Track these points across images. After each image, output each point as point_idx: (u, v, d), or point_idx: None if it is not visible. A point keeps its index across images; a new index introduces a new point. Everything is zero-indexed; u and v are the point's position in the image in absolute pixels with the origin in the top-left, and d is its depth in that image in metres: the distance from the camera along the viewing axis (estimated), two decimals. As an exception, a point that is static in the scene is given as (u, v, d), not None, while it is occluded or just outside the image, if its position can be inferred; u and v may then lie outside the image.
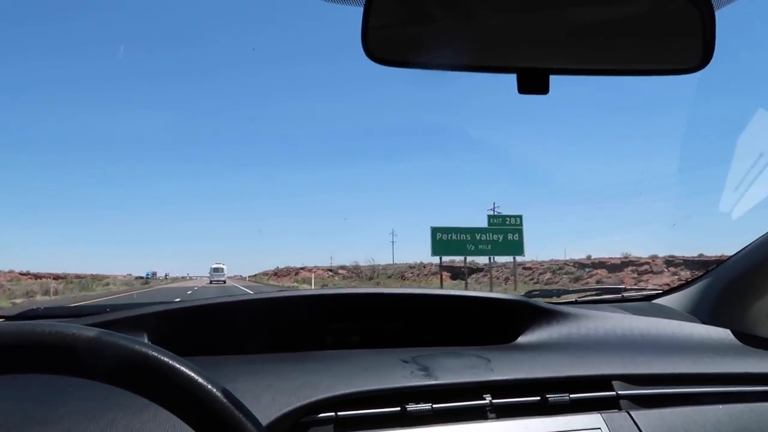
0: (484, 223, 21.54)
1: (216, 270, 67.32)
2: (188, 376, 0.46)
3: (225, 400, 0.47)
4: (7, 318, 1.30)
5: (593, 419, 0.87)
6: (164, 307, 1.07)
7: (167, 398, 0.46)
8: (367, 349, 1.07)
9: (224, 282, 61.06)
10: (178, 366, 0.46)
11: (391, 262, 58.86)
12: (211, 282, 61.78)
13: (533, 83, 0.57)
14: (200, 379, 0.46)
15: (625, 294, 1.64)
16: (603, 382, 0.94)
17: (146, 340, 0.99)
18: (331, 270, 58.52)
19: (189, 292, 27.53)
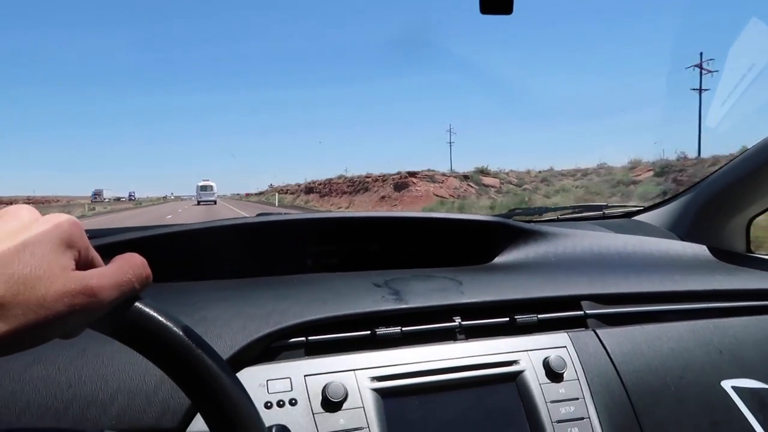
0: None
1: (204, 189, 61.15)
2: (137, 308, 0.45)
3: (175, 329, 0.46)
4: None
5: (560, 338, 0.89)
6: (139, 234, 1.06)
7: (119, 330, 0.46)
8: (342, 272, 1.07)
9: (214, 203, 54.39)
10: (139, 305, 0.45)
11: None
12: (198, 203, 55.06)
13: (495, 2, 0.53)
14: (149, 310, 0.45)
15: (607, 211, 1.65)
16: (572, 302, 0.96)
17: None
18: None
19: (168, 217, 24.87)
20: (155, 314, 0.46)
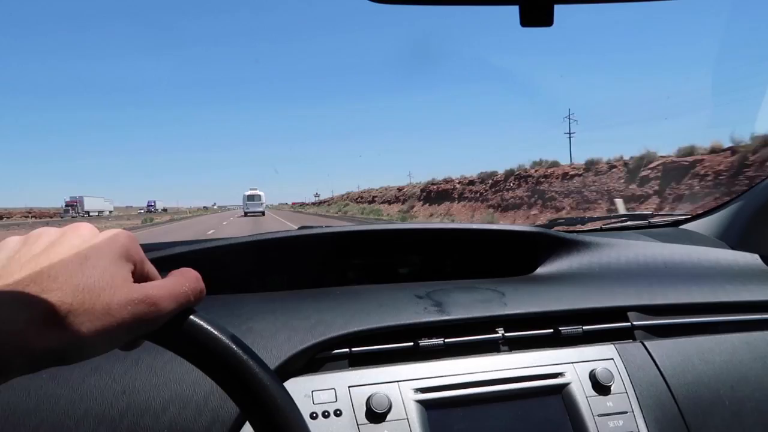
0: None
1: (251, 198, 53.33)
2: (192, 321, 0.47)
3: (228, 342, 0.48)
4: None
5: (606, 350, 0.88)
6: (187, 248, 1.09)
7: (172, 343, 0.48)
8: (384, 284, 1.08)
9: (262, 214, 48.11)
10: (192, 317, 0.47)
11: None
12: (246, 214, 48.55)
13: (536, 14, 0.53)
14: (203, 323, 0.47)
15: (652, 220, 1.61)
16: (618, 313, 0.94)
17: None
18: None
19: (210, 232, 21.07)
20: (207, 326, 0.47)
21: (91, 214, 78.76)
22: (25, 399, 0.69)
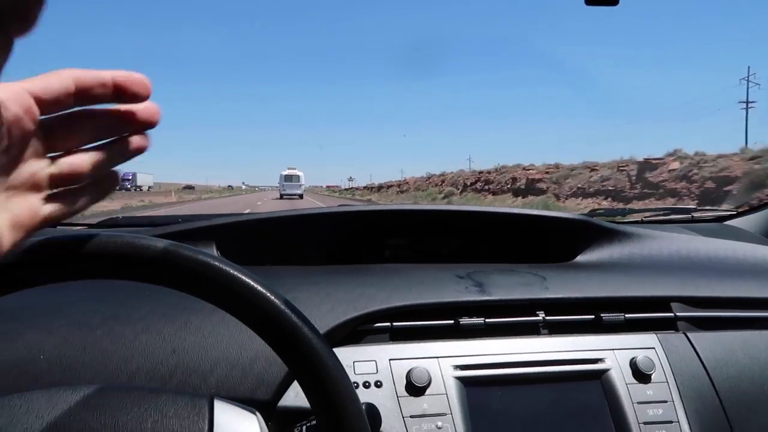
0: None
1: (288, 179, 47.09)
2: (249, 284, 0.48)
3: (284, 307, 0.49)
4: (89, 226, 1.40)
5: (648, 339, 0.87)
6: (231, 219, 1.11)
7: (230, 305, 0.49)
8: (423, 264, 1.09)
9: (300, 197, 43.26)
10: (239, 275, 0.48)
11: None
12: (282, 196, 43.47)
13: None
14: (260, 288, 0.49)
15: (695, 215, 1.58)
16: (661, 303, 0.93)
17: (215, 250, 1.05)
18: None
19: None
20: (259, 287, 0.49)
21: (141, 188, 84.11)
22: (80, 354, 0.72)
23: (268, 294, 0.49)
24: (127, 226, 1.36)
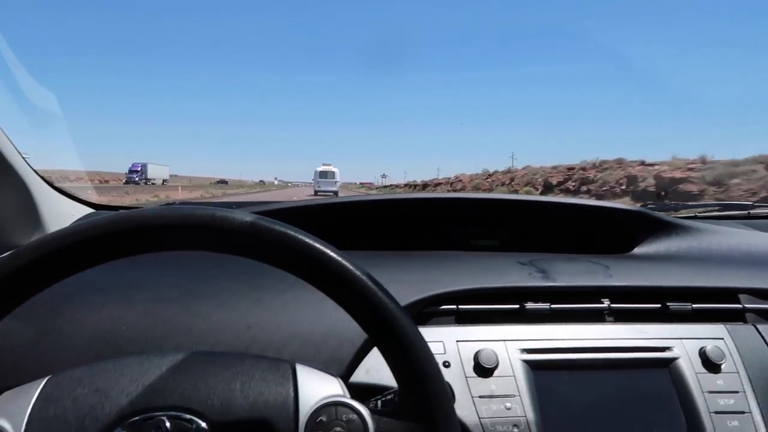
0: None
1: (323, 175, 44.70)
2: (338, 261, 0.50)
3: (369, 282, 0.50)
4: None
5: (716, 329, 0.86)
6: (288, 205, 1.14)
7: (319, 279, 0.51)
8: (482, 252, 1.09)
9: (335, 194, 37.35)
10: (326, 250, 0.50)
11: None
12: (316, 193, 41.26)
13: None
14: (348, 264, 0.50)
15: (753, 211, 1.54)
16: (728, 294, 0.91)
17: None
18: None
19: None
20: (347, 263, 0.50)
21: (153, 181, 71.56)
22: (161, 325, 0.75)
23: (358, 272, 0.50)
24: None
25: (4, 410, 0.50)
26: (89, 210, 1.33)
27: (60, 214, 1.22)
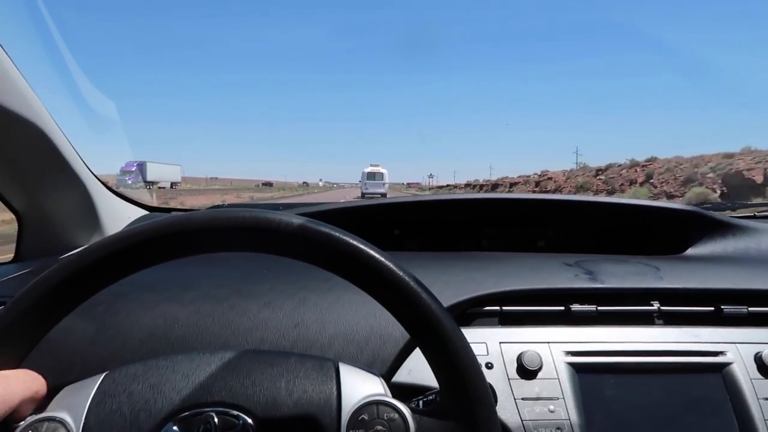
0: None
1: (371, 176, 42.30)
2: (384, 263, 0.51)
3: (413, 284, 0.51)
4: None
5: None
6: (332, 206, 1.15)
7: (365, 281, 0.52)
8: (527, 253, 1.08)
9: (383, 196, 32.19)
10: (370, 251, 0.51)
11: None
12: (363, 195, 38.69)
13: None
14: (392, 266, 0.51)
15: None
16: None
17: None
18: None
19: None
20: (392, 265, 0.51)
21: (158, 185, 60.98)
22: (210, 324, 0.78)
23: (402, 273, 0.51)
24: None
25: (66, 404, 0.53)
26: (144, 212, 1.39)
27: (117, 216, 1.28)
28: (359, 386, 0.57)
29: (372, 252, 0.51)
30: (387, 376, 0.75)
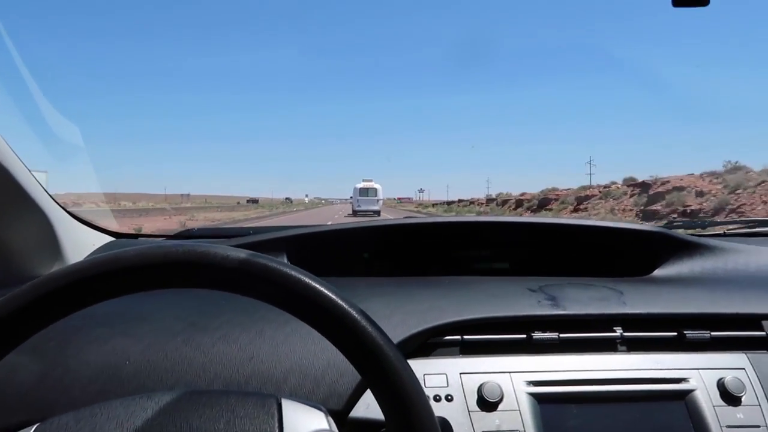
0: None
1: (364, 192, 39.35)
2: (325, 294, 0.49)
3: (360, 318, 0.50)
4: (167, 237, 1.47)
5: (737, 359, 0.82)
6: (302, 231, 1.14)
7: (307, 314, 0.50)
8: (493, 277, 1.07)
9: (377, 213, 35.80)
10: (316, 285, 0.49)
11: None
12: (355, 213, 35.80)
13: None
14: (336, 298, 0.49)
15: None
16: (751, 321, 0.87)
17: (285, 260, 1.07)
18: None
19: None
20: (335, 297, 0.50)
21: None
22: (163, 359, 0.76)
23: (345, 304, 0.50)
24: (201, 237, 1.42)
25: None
26: (110, 239, 1.36)
27: (80, 244, 1.26)
28: (302, 422, 0.56)
29: (313, 283, 0.50)
30: (344, 410, 0.73)
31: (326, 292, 0.50)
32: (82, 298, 0.49)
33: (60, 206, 1.19)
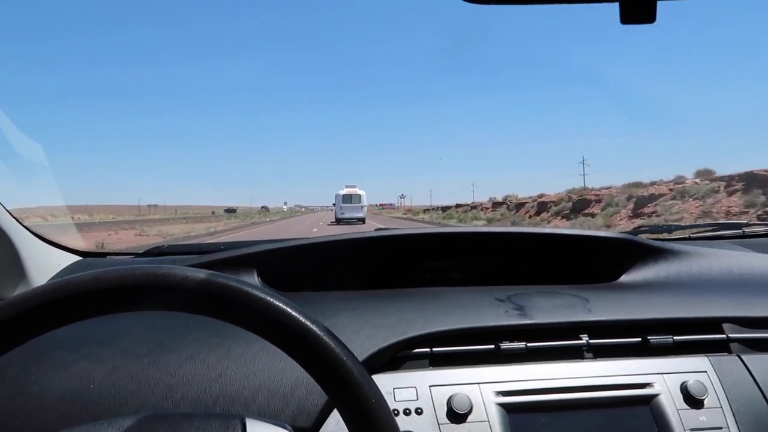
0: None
1: (347, 199, 37.16)
2: (287, 312, 0.49)
3: (323, 335, 0.50)
4: (136, 255, 1.44)
5: (699, 362, 0.83)
6: (272, 246, 1.13)
7: (270, 333, 0.50)
8: (463, 287, 1.08)
9: (362, 221, 34.01)
10: (277, 303, 0.49)
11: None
12: (339, 221, 34.32)
13: (637, 12, 0.51)
14: (299, 316, 0.49)
15: (747, 230, 1.51)
16: (712, 324, 0.89)
17: (255, 277, 1.06)
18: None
19: None
20: (297, 315, 0.50)
21: None
22: (128, 382, 0.74)
23: (307, 322, 0.50)
24: (172, 254, 1.40)
25: None
26: (76, 258, 1.34)
27: (46, 264, 1.23)
28: None
29: (274, 302, 0.50)
30: (313, 428, 0.73)
31: (288, 309, 0.50)
32: (37, 325, 0.48)
33: (24, 227, 1.17)
